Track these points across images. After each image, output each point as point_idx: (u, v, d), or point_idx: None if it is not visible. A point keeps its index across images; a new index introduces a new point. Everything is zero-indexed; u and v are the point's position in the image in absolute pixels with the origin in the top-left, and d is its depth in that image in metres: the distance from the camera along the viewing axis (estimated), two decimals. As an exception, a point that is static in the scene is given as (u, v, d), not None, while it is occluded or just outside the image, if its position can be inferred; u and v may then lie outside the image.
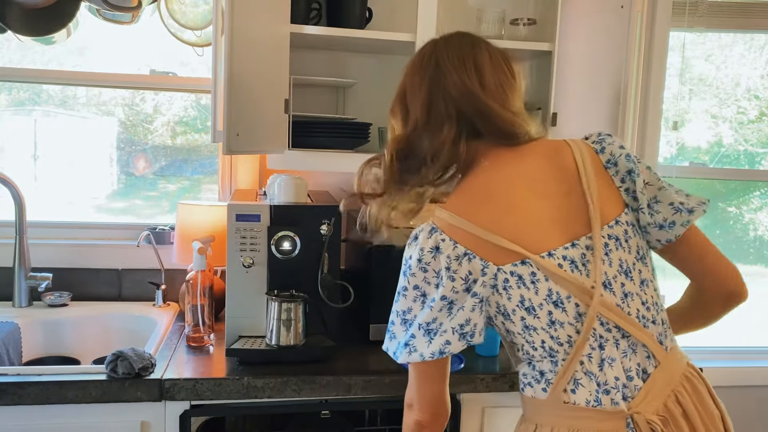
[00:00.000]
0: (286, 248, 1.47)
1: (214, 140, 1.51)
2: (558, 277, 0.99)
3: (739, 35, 2.40)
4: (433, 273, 1.02)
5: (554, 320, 1.00)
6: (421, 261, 1.03)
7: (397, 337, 1.07)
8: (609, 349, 1.01)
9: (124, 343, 1.51)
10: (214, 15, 1.49)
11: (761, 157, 2.50)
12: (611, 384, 1.00)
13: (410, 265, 1.04)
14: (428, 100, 1.07)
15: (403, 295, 1.06)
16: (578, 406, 0.99)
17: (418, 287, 1.04)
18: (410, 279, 1.04)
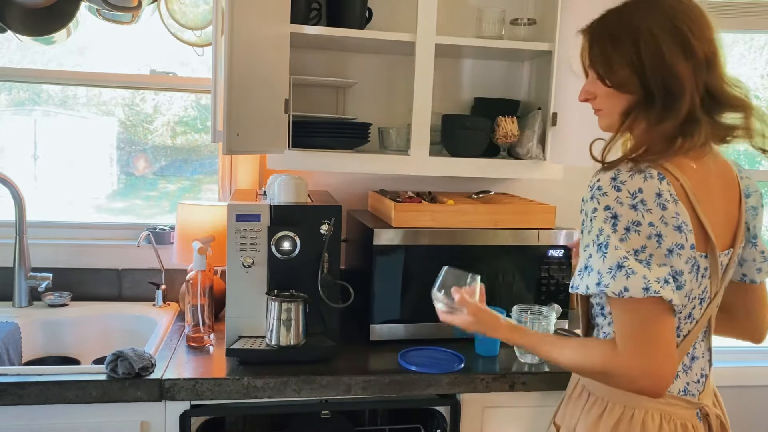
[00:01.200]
0: (286, 248, 1.47)
1: (214, 140, 1.51)
2: (716, 277, 1.06)
3: (739, 35, 2.40)
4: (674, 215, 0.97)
5: (690, 314, 1.06)
6: (661, 197, 0.97)
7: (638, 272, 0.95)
8: (699, 347, 1.14)
9: (124, 343, 1.51)
10: (214, 15, 1.49)
11: (761, 157, 2.50)
12: (694, 378, 1.12)
13: (643, 200, 0.96)
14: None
15: (635, 231, 0.96)
16: (671, 393, 1.08)
17: (653, 224, 0.96)
18: (645, 214, 0.96)
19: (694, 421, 1.09)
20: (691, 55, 1.00)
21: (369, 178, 2.05)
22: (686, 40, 1.00)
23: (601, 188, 0.99)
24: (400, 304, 1.65)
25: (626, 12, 1.05)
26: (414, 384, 1.46)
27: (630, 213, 0.96)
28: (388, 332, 1.66)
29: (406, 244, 1.63)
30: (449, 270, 1.26)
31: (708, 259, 1.04)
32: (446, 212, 1.68)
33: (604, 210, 0.98)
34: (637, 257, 0.96)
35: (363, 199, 2.03)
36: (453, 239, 1.65)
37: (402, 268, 1.64)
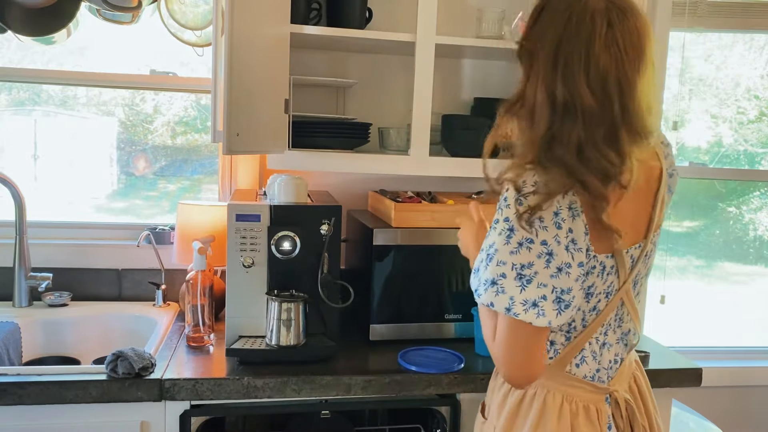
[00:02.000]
0: (286, 248, 1.47)
1: (214, 140, 1.51)
2: (623, 271, 1.07)
3: (739, 35, 2.40)
4: (567, 233, 0.99)
5: (595, 306, 1.08)
6: (558, 215, 0.99)
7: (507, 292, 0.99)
8: (611, 335, 1.14)
9: (124, 343, 1.51)
10: (214, 15, 1.49)
11: (761, 157, 2.50)
12: (605, 365, 1.13)
13: (541, 217, 0.98)
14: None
15: (526, 247, 0.98)
16: (576, 377, 1.10)
17: (546, 243, 0.98)
18: (539, 232, 0.98)
19: (600, 404, 1.11)
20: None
21: (369, 178, 2.05)
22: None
23: (507, 199, 1.01)
24: (399, 304, 1.65)
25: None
26: (414, 384, 1.46)
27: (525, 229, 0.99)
28: (387, 332, 1.65)
29: (406, 244, 1.63)
30: None
31: (614, 258, 1.05)
32: (446, 212, 1.67)
33: (503, 221, 1.00)
34: (521, 272, 0.98)
35: (363, 199, 2.03)
36: (453, 239, 1.65)
37: (402, 268, 1.64)
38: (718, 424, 1.95)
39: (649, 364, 1.57)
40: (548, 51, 0.98)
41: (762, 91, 2.44)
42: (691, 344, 2.45)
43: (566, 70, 0.96)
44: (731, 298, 2.55)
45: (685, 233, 2.49)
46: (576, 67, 0.95)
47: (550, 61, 0.98)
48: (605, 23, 0.95)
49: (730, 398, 2.38)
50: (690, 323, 2.49)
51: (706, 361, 2.13)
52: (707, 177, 2.44)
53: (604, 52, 0.95)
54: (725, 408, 2.36)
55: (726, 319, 2.53)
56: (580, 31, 0.96)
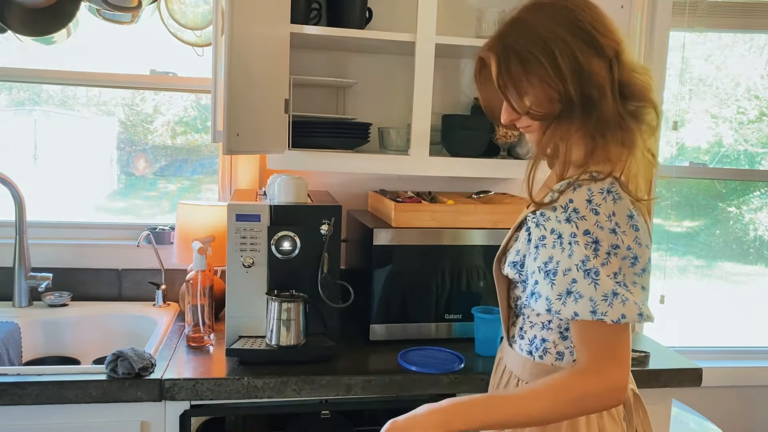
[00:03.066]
0: (286, 248, 1.47)
1: (214, 140, 1.51)
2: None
3: (739, 35, 2.40)
4: (644, 235, 0.99)
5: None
6: (633, 218, 0.98)
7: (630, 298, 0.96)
8: None
9: (124, 343, 1.51)
10: (214, 15, 1.49)
11: (761, 157, 2.50)
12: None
13: (617, 222, 0.97)
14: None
15: (614, 254, 0.96)
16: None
17: (630, 248, 0.97)
18: (622, 237, 0.97)
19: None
20: (603, 53, 1.00)
21: (369, 178, 2.05)
22: (595, 40, 0.99)
23: (578, 210, 0.98)
24: (400, 304, 1.65)
25: (528, 24, 1.02)
26: (414, 384, 1.46)
27: (610, 237, 0.97)
28: (388, 332, 1.65)
29: (406, 244, 1.63)
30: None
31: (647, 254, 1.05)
32: (446, 212, 1.67)
33: (583, 235, 0.97)
34: (616, 279, 0.97)
35: (363, 199, 2.03)
36: (453, 239, 1.65)
37: (402, 268, 1.64)
38: (718, 424, 1.95)
39: (649, 364, 1.57)
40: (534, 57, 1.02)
41: (762, 91, 2.44)
42: (691, 344, 2.45)
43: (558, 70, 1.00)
44: (731, 298, 2.55)
45: (685, 233, 2.49)
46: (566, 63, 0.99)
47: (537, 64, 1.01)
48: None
49: (730, 398, 2.38)
50: (690, 323, 2.49)
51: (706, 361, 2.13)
52: (707, 177, 2.44)
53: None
54: (725, 408, 2.36)
55: (726, 319, 2.53)
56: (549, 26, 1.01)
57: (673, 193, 2.37)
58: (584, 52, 0.99)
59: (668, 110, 2.27)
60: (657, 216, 2.31)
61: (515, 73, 1.03)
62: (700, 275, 2.53)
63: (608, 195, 0.98)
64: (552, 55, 0.99)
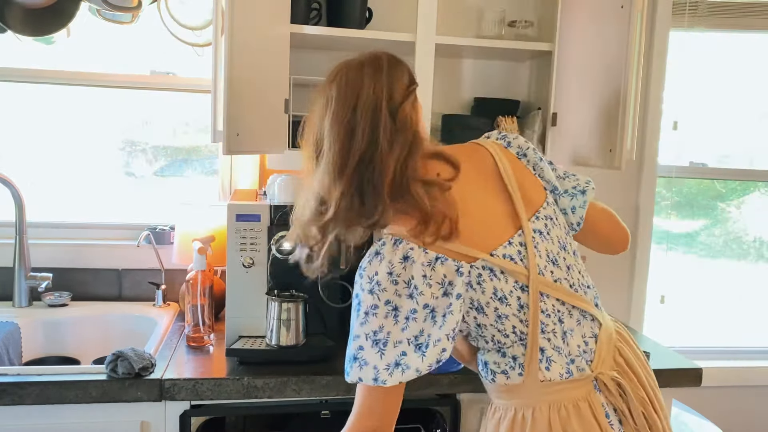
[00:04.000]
0: (286, 248, 1.47)
1: (214, 140, 1.51)
2: (508, 269, 1.04)
3: (739, 35, 2.40)
4: (404, 284, 1.01)
5: (522, 304, 1.05)
6: (392, 274, 1.01)
7: (370, 363, 1.02)
8: (567, 321, 1.09)
9: (124, 343, 1.51)
10: (214, 15, 1.49)
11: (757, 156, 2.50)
12: (575, 353, 1.08)
13: (378, 281, 1.01)
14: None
15: (372, 314, 1.02)
16: (553, 381, 1.06)
17: (390, 302, 1.01)
18: (380, 295, 1.01)
19: (591, 396, 1.06)
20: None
21: (369, 178, 2.04)
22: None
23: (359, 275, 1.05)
24: (400, 304, 1.65)
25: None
26: (414, 384, 1.45)
27: (368, 298, 1.02)
28: (388, 332, 1.65)
29: (406, 244, 1.62)
30: None
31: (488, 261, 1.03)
32: (446, 212, 1.67)
33: (354, 298, 1.05)
34: (375, 337, 1.02)
35: (363, 199, 2.03)
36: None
37: (402, 268, 1.63)
38: (718, 424, 1.95)
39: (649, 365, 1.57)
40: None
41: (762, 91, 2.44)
42: (691, 344, 2.45)
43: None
44: (731, 298, 2.55)
45: (685, 233, 2.49)
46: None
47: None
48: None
49: (730, 398, 2.38)
50: (690, 323, 2.49)
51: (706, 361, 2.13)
52: (707, 177, 2.44)
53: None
54: (725, 408, 2.36)
55: (726, 319, 2.53)
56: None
57: (673, 193, 2.37)
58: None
59: (668, 110, 2.27)
60: (657, 216, 2.31)
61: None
62: (700, 275, 2.53)
63: (374, 257, 1.03)
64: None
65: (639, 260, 2.26)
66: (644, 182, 2.23)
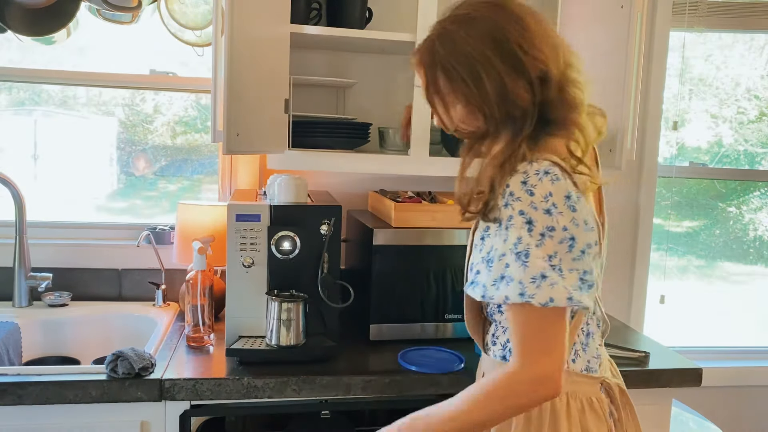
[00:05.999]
0: (286, 248, 1.47)
1: (214, 140, 1.51)
2: (599, 260, 1.07)
3: (739, 35, 2.40)
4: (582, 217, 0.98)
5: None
6: (570, 198, 0.97)
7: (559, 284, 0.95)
8: (591, 324, 1.14)
9: (124, 343, 1.51)
10: (214, 15, 1.49)
11: (761, 157, 2.50)
12: (593, 354, 1.13)
13: (554, 203, 0.96)
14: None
15: (548, 236, 0.96)
16: (575, 372, 1.10)
17: (567, 228, 0.97)
18: (558, 218, 0.96)
19: (598, 395, 1.11)
20: (526, 74, 0.99)
21: (369, 178, 2.05)
22: (519, 60, 0.99)
23: (513, 193, 0.98)
24: (399, 304, 1.65)
25: (456, 40, 1.01)
26: (414, 384, 1.46)
27: (544, 218, 0.96)
28: (388, 332, 1.65)
29: (406, 244, 1.63)
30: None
31: (599, 244, 1.05)
32: (446, 212, 1.67)
33: (519, 215, 0.97)
34: (550, 262, 0.96)
35: (363, 199, 2.03)
36: (453, 239, 1.65)
37: (402, 268, 1.64)
38: (718, 424, 1.95)
39: (649, 364, 1.57)
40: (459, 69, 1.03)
41: (762, 91, 2.44)
42: (691, 344, 2.45)
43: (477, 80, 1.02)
44: (731, 298, 2.55)
45: (685, 233, 2.49)
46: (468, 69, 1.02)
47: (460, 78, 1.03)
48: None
49: (730, 398, 2.38)
50: (690, 323, 2.49)
51: (706, 361, 2.13)
52: (707, 177, 2.44)
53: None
54: (725, 408, 2.36)
55: (726, 319, 2.53)
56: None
57: (673, 193, 2.37)
58: (509, 75, 0.99)
59: (668, 110, 2.27)
60: (657, 216, 2.31)
61: (442, 89, 1.05)
62: (700, 275, 2.53)
63: (545, 176, 0.97)
64: (478, 77, 1.00)
65: (639, 260, 2.26)
66: (644, 182, 2.24)
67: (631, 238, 2.26)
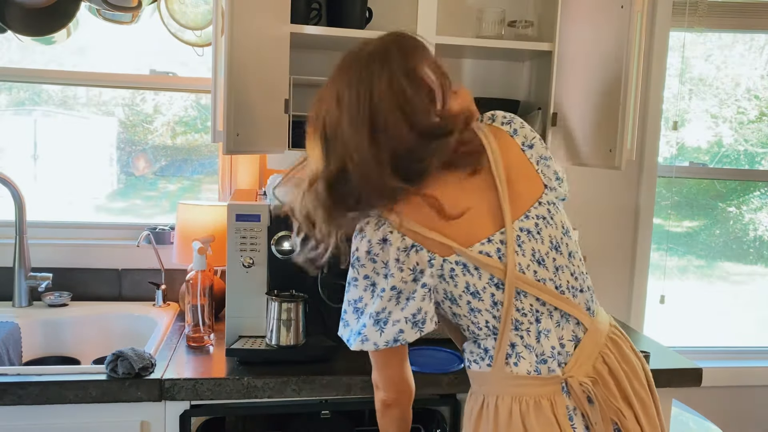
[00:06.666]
0: (286, 248, 1.47)
1: (214, 140, 1.51)
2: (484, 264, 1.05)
3: (739, 35, 2.40)
4: (382, 264, 1.08)
5: (496, 301, 1.07)
6: (370, 252, 1.08)
7: (350, 325, 1.12)
8: (545, 321, 1.09)
9: (124, 343, 1.51)
10: (214, 15, 1.49)
11: (761, 157, 2.50)
12: (548, 353, 1.08)
13: (358, 257, 1.09)
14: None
15: (353, 285, 1.11)
16: (519, 375, 1.07)
17: (368, 277, 1.09)
18: (359, 270, 1.09)
19: (555, 396, 1.07)
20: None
21: (369, 178, 2.04)
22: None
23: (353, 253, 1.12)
24: (400, 304, 1.65)
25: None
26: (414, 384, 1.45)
27: (351, 271, 1.11)
28: (388, 332, 1.65)
29: (406, 244, 1.62)
30: None
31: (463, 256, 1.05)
32: (446, 212, 1.67)
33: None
34: (355, 305, 1.11)
35: (363, 199, 2.03)
36: (453, 239, 1.65)
37: (402, 268, 1.63)
38: (718, 424, 1.95)
39: (649, 364, 1.57)
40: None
41: (762, 91, 2.44)
42: (691, 344, 2.45)
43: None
44: (731, 298, 2.55)
45: (685, 233, 2.49)
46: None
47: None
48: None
49: (730, 398, 2.38)
50: (690, 323, 2.49)
51: (706, 361, 2.13)
52: (707, 177, 2.44)
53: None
54: (725, 408, 2.36)
55: (726, 319, 2.53)
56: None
57: (673, 193, 2.37)
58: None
59: (668, 110, 2.27)
60: (657, 216, 2.31)
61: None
62: (700, 275, 2.53)
63: (358, 234, 1.10)
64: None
65: (639, 260, 2.26)
66: (644, 182, 2.24)
67: (631, 238, 2.26)
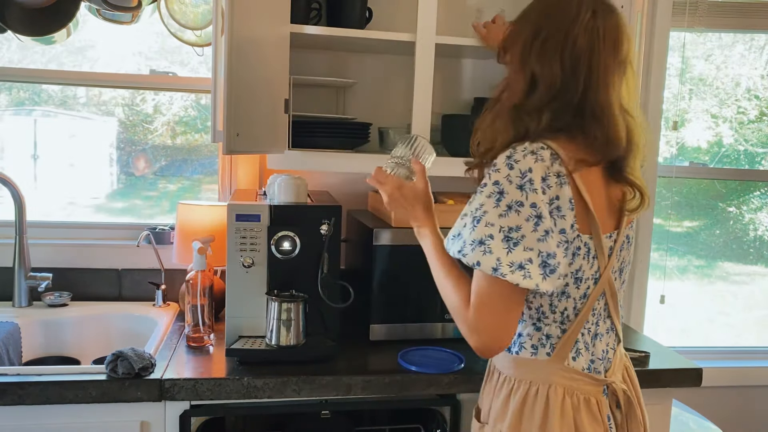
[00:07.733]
0: (286, 248, 1.47)
1: (214, 140, 1.51)
2: (602, 258, 1.08)
3: (739, 35, 2.40)
4: (550, 201, 1.01)
5: (587, 293, 1.09)
6: (546, 180, 1.01)
7: (495, 253, 0.99)
8: (601, 325, 1.15)
9: (124, 343, 1.51)
10: (214, 15, 1.49)
11: (761, 157, 2.50)
12: (598, 355, 1.14)
13: (531, 179, 0.99)
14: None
15: (515, 210, 0.99)
16: (575, 369, 1.10)
17: (536, 206, 1.00)
18: (529, 194, 0.99)
19: (599, 396, 1.12)
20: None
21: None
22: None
23: (496, 164, 1.03)
24: (400, 304, 1.65)
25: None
26: (414, 384, 1.46)
27: (516, 192, 1.00)
28: (387, 332, 1.65)
29: (406, 244, 1.63)
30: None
31: (593, 240, 1.07)
32: (446, 212, 1.67)
33: (492, 185, 1.02)
34: (509, 234, 0.99)
35: (363, 199, 2.03)
36: (453, 239, 1.65)
37: (402, 268, 1.64)
38: (718, 424, 1.95)
39: (649, 364, 1.57)
40: (530, 28, 1.06)
41: (762, 91, 2.44)
42: (691, 344, 2.45)
43: (543, 47, 1.04)
44: (731, 298, 2.55)
45: (685, 233, 2.49)
46: (552, 44, 1.03)
47: (530, 37, 1.06)
48: (590, 11, 1.03)
49: (730, 398, 2.38)
50: (690, 323, 2.49)
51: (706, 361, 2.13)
52: (707, 177, 2.44)
53: (582, 36, 1.02)
54: (725, 408, 2.36)
55: (726, 319, 2.53)
56: (563, 12, 1.04)
57: (673, 193, 2.37)
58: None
59: (668, 110, 2.27)
60: (657, 216, 2.31)
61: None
62: (700, 275, 2.53)
63: (530, 155, 1.01)
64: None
65: (639, 260, 2.26)
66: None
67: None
